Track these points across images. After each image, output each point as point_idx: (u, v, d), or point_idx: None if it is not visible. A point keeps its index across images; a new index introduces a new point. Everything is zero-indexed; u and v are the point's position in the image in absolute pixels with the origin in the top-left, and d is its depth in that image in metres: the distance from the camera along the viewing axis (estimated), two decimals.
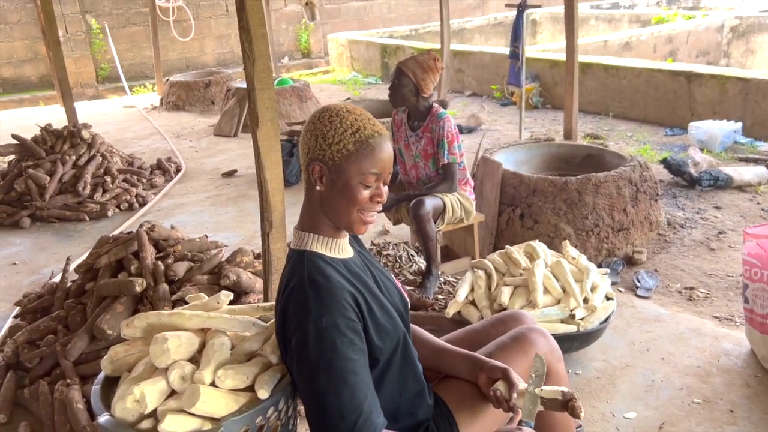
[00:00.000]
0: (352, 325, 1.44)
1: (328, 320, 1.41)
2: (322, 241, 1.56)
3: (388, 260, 3.54)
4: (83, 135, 5.17)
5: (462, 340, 1.94)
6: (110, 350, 1.67)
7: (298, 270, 1.50)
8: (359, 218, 1.53)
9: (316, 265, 1.50)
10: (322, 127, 1.49)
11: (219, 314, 1.71)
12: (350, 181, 1.49)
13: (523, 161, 4.34)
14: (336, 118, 1.49)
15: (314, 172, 1.51)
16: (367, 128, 1.50)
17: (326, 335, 1.40)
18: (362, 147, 1.48)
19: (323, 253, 1.55)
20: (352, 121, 1.49)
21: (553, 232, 3.67)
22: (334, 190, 1.50)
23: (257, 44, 2.36)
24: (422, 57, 3.37)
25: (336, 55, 11.87)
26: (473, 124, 6.94)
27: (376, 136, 1.50)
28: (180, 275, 2.79)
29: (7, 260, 4.24)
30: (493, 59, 8.59)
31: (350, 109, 1.52)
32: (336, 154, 1.48)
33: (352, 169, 1.48)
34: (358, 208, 1.51)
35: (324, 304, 1.43)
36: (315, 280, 1.46)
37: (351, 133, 1.48)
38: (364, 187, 1.50)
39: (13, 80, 11.16)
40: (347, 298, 1.45)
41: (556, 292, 2.77)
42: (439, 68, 3.36)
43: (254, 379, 1.58)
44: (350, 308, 1.45)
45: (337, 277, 1.49)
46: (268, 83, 2.41)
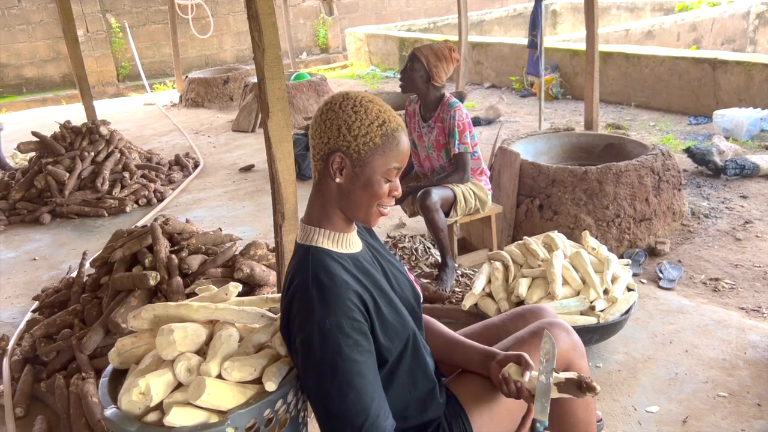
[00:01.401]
0: (357, 326, 1.39)
1: (332, 322, 1.36)
2: (329, 236, 1.51)
3: (404, 253, 3.50)
4: (101, 131, 5.20)
5: (479, 335, 1.89)
6: (117, 342, 1.65)
7: (303, 267, 1.46)
8: (378, 212, 1.50)
9: (321, 262, 1.45)
10: (346, 116, 1.42)
11: (227, 306, 1.68)
12: (374, 175, 1.45)
13: (542, 152, 4.26)
14: (360, 108, 1.43)
15: (334, 163, 1.45)
16: (392, 121, 1.46)
17: (330, 337, 1.36)
18: (389, 140, 1.44)
19: (329, 248, 1.50)
20: (377, 113, 1.44)
21: (573, 223, 3.60)
22: (356, 183, 1.45)
23: (267, 33, 2.32)
24: (438, 45, 3.31)
25: (354, 50, 11.83)
26: (492, 116, 6.85)
27: (400, 129, 1.47)
28: (194, 268, 2.78)
29: (27, 256, 4.27)
30: (512, 50, 8.49)
31: (372, 99, 1.47)
32: (362, 146, 1.43)
33: (377, 162, 1.44)
34: (377, 202, 1.48)
35: (328, 305, 1.38)
36: (319, 279, 1.42)
37: (378, 125, 1.43)
38: (386, 182, 1.47)
39: (36, 80, 11.31)
40: (352, 298, 1.40)
41: (575, 283, 2.70)
42: (454, 59, 3.30)
43: (262, 371, 1.55)
44: (355, 308, 1.40)
45: (343, 275, 1.44)
46: (279, 72, 2.37)
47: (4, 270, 4.08)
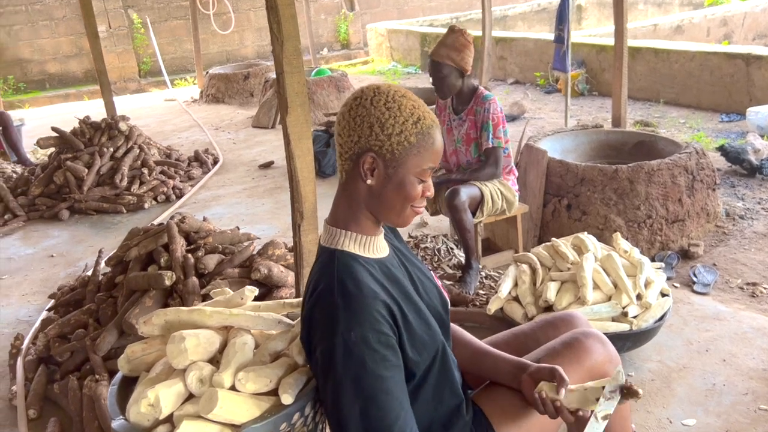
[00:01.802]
0: (384, 340, 1.29)
1: (357, 334, 1.26)
2: (356, 239, 1.41)
3: (426, 253, 3.39)
4: (120, 127, 5.15)
5: (507, 344, 1.77)
6: (127, 349, 1.57)
7: (327, 272, 1.36)
8: (411, 212, 1.41)
9: (347, 267, 1.35)
10: (378, 113, 1.32)
11: (242, 311, 1.60)
12: (408, 176, 1.35)
13: (570, 149, 4.13)
14: (393, 104, 1.33)
15: (365, 164, 1.34)
16: (426, 118, 1.36)
17: (355, 351, 1.26)
18: (424, 139, 1.35)
19: (357, 252, 1.40)
20: (411, 109, 1.34)
21: (603, 223, 3.46)
22: (389, 185, 1.35)
23: (286, 25, 2.23)
24: (450, 38, 3.18)
25: (375, 45, 11.72)
26: (516, 113, 6.71)
27: (435, 126, 1.37)
28: (210, 268, 2.70)
29: (45, 252, 4.24)
30: (536, 46, 8.32)
31: (404, 93, 1.36)
32: (396, 146, 1.33)
33: (412, 163, 1.35)
34: (411, 203, 1.38)
35: (354, 315, 1.28)
36: (345, 287, 1.31)
37: (413, 123, 1.33)
38: (419, 182, 1.37)
39: (59, 76, 11.36)
40: (380, 309, 1.30)
41: (606, 287, 2.58)
42: (470, 40, 3.18)
43: (278, 382, 1.46)
44: (383, 320, 1.30)
45: (371, 283, 1.34)
46: (298, 66, 2.28)
47: (22, 267, 4.04)
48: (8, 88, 10.80)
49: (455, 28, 3.21)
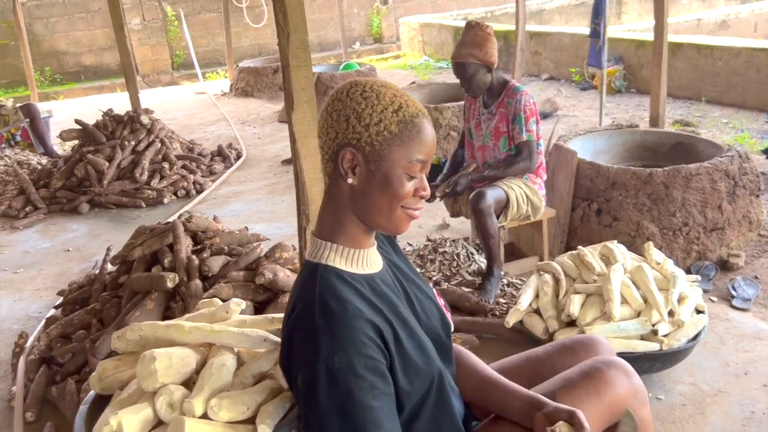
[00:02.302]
0: (372, 365, 1.14)
1: (342, 360, 1.12)
2: (343, 253, 1.26)
3: (444, 258, 3.23)
4: (143, 120, 5.10)
5: (519, 369, 1.60)
6: (98, 366, 1.45)
7: (309, 289, 1.22)
8: (404, 216, 1.25)
9: (330, 284, 1.21)
10: (355, 104, 1.20)
11: (224, 327, 1.46)
12: (393, 171, 1.21)
13: (602, 150, 3.90)
14: (371, 93, 1.21)
15: (344, 160, 1.22)
16: (410, 106, 1.22)
17: (339, 378, 1.12)
18: (407, 128, 1.21)
19: (342, 267, 1.25)
20: (391, 98, 1.21)
21: (635, 231, 3.25)
22: (373, 183, 1.21)
23: (292, 15, 2.09)
24: (469, 35, 3.03)
25: (407, 40, 11.54)
26: (549, 110, 6.47)
27: (421, 116, 1.23)
28: (215, 271, 2.59)
29: (62, 246, 4.20)
30: (572, 40, 8.04)
31: (384, 84, 1.24)
32: (375, 137, 1.20)
33: (396, 155, 1.20)
34: (402, 204, 1.23)
35: (337, 338, 1.14)
36: (327, 306, 1.17)
37: (393, 111, 1.20)
38: (408, 178, 1.22)
39: (93, 67, 11.47)
40: (367, 331, 1.16)
41: (635, 302, 2.38)
42: (490, 32, 3.02)
43: (257, 409, 1.33)
44: (371, 343, 1.15)
45: (357, 301, 1.19)
46: (305, 60, 2.14)
47: (37, 260, 4.01)
48: (45, 80, 10.94)
49: (472, 23, 3.06)
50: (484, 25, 3.02)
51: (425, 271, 3.15)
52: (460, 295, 2.96)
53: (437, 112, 5.07)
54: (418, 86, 5.95)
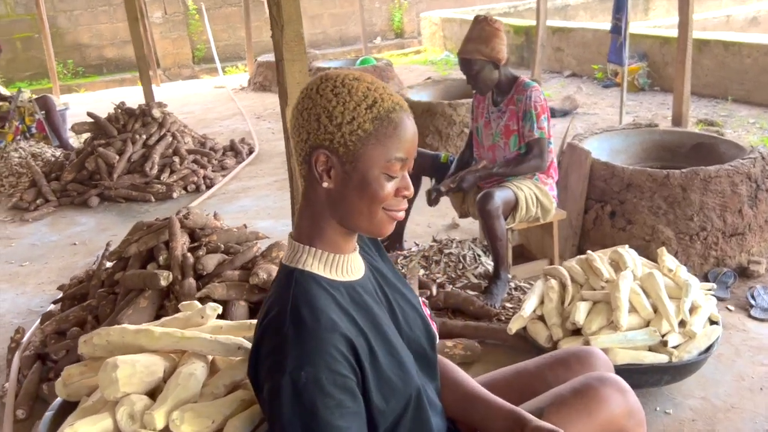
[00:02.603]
0: (341, 382, 1.06)
1: (308, 374, 1.04)
2: (322, 258, 1.19)
3: (450, 260, 3.13)
4: (154, 114, 5.07)
5: (508, 383, 1.51)
6: (64, 371, 1.39)
7: (283, 295, 1.14)
8: (386, 218, 1.17)
9: (305, 291, 1.13)
10: (325, 102, 1.12)
11: (196, 333, 1.39)
12: (370, 172, 1.12)
13: (619, 150, 3.77)
14: (342, 89, 1.12)
15: (318, 163, 1.14)
16: (385, 100, 1.13)
17: (305, 394, 1.04)
18: (383, 125, 1.12)
19: (320, 273, 1.18)
20: (364, 92, 1.12)
21: (650, 234, 3.12)
22: (350, 185, 1.13)
23: (286, 7, 2.02)
24: (476, 30, 2.92)
25: (429, 35, 11.41)
26: (568, 107, 6.32)
27: (398, 110, 1.14)
28: (209, 269, 2.52)
29: (69, 240, 4.19)
30: (595, 36, 7.85)
31: (358, 76, 1.15)
32: (349, 137, 1.11)
33: (372, 155, 1.12)
34: (384, 206, 1.15)
35: (306, 351, 1.06)
36: (299, 315, 1.09)
37: (366, 107, 1.11)
38: (388, 179, 1.13)
39: (115, 60, 11.53)
40: (339, 345, 1.08)
41: (645, 311, 2.27)
42: (498, 27, 2.91)
43: (224, 422, 1.25)
44: (342, 359, 1.07)
45: (332, 311, 1.11)
46: (300, 53, 2.07)
47: (43, 254, 4.00)
48: (67, 72, 11.02)
49: (479, 17, 2.95)
50: (492, 20, 2.91)
51: (430, 273, 3.06)
52: (464, 299, 2.86)
53: (451, 108, 4.96)
54: (433, 82, 5.84)
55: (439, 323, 2.69)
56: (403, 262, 3.18)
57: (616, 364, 2.13)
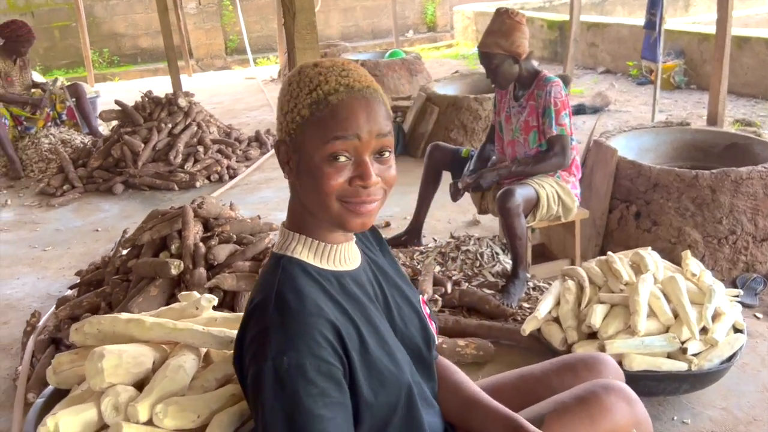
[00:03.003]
0: (326, 369, 1.02)
1: (291, 359, 1.00)
2: (312, 246, 1.15)
3: (467, 257, 3.07)
4: (180, 103, 5.09)
5: (512, 388, 1.45)
6: (54, 359, 1.37)
7: (269, 282, 1.11)
8: (344, 210, 1.08)
9: (291, 277, 1.10)
10: (282, 93, 1.12)
11: (189, 325, 1.36)
12: (312, 160, 1.06)
13: (648, 148, 3.65)
14: (295, 77, 1.10)
15: (279, 154, 1.14)
16: (329, 82, 1.06)
17: (287, 381, 1.00)
18: (319, 108, 1.05)
19: (308, 261, 1.14)
20: (311, 77, 1.08)
21: (676, 237, 3.01)
22: (301, 176, 1.10)
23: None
24: (496, 23, 2.85)
25: (461, 29, 11.28)
26: (599, 104, 6.17)
27: (342, 90, 1.05)
28: (220, 259, 2.51)
29: (92, 226, 4.23)
30: (631, 32, 7.65)
31: (318, 62, 1.10)
32: (291, 125, 1.08)
33: (310, 140, 1.06)
34: (337, 196, 1.07)
35: (290, 336, 1.02)
36: (284, 300, 1.06)
37: (307, 92, 1.07)
38: (331, 164, 1.05)
39: (150, 50, 11.66)
40: (324, 330, 1.03)
41: (664, 316, 2.18)
42: (520, 21, 2.82)
43: (210, 417, 1.22)
44: (326, 345, 1.03)
45: (319, 298, 1.08)
46: (312, 42, 2.03)
47: (66, 239, 4.05)
48: (102, 61, 11.19)
49: (501, 9, 2.87)
50: (513, 13, 2.83)
51: (446, 270, 3.00)
52: (480, 297, 2.80)
53: (477, 102, 4.88)
54: (460, 75, 5.76)
55: (452, 321, 2.63)
56: (419, 258, 3.12)
57: (632, 370, 2.06)
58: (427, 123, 5.08)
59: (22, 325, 2.94)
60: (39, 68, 9.88)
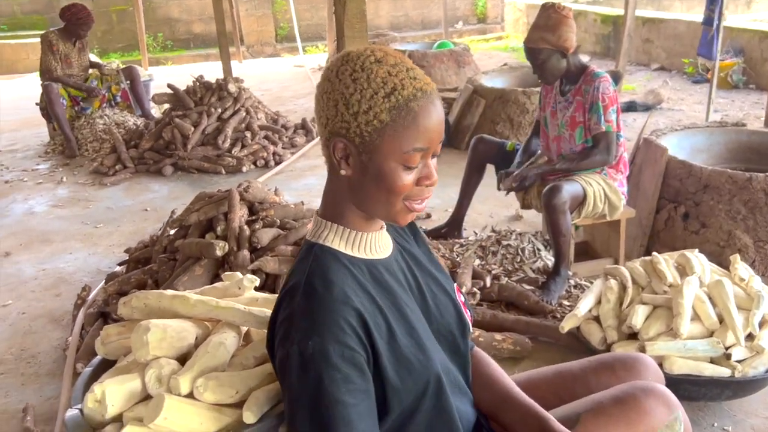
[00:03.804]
0: (349, 355, 1.04)
1: (315, 345, 1.02)
2: (344, 234, 1.17)
3: (508, 251, 3.05)
4: (230, 89, 5.18)
5: (549, 384, 1.44)
6: (103, 330, 1.43)
7: (301, 268, 1.14)
8: (404, 208, 1.12)
9: (322, 264, 1.12)
10: (343, 88, 1.07)
11: (231, 304, 1.40)
12: (386, 164, 1.08)
13: (701, 149, 3.55)
14: (361, 74, 1.06)
15: (336, 150, 1.11)
16: (405, 86, 1.07)
17: (311, 365, 1.02)
18: (401, 115, 1.06)
19: (340, 249, 1.16)
20: (383, 78, 1.06)
21: (725, 240, 2.93)
22: (367, 175, 1.10)
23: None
24: (542, 18, 2.80)
25: (512, 21, 11.15)
26: (651, 102, 6.02)
27: (420, 96, 1.07)
28: (263, 243, 2.56)
29: (141, 206, 4.35)
30: (689, 29, 7.43)
31: (381, 58, 1.08)
32: (365, 127, 1.06)
33: (389, 147, 1.07)
34: (404, 197, 1.11)
35: (314, 320, 1.04)
36: (312, 286, 1.08)
37: (384, 96, 1.06)
38: (406, 169, 1.09)
39: (203, 36, 11.87)
40: (349, 318, 1.05)
41: (709, 321, 2.13)
42: (567, 15, 2.77)
43: (248, 393, 1.26)
44: (351, 332, 1.05)
45: (347, 286, 1.09)
46: (361, 30, 2.04)
47: (117, 217, 4.17)
48: (157, 45, 11.44)
49: (547, 4, 2.82)
50: (560, 7, 2.79)
51: (485, 264, 2.99)
52: (519, 293, 2.78)
53: (525, 96, 4.82)
54: (510, 68, 5.69)
55: (490, 315, 2.62)
56: (459, 251, 3.12)
57: (672, 373, 2.03)
58: (473, 115, 5.05)
59: (73, 298, 3.06)
60: (96, 51, 10.17)
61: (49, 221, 4.17)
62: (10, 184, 4.96)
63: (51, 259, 3.61)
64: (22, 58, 10.27)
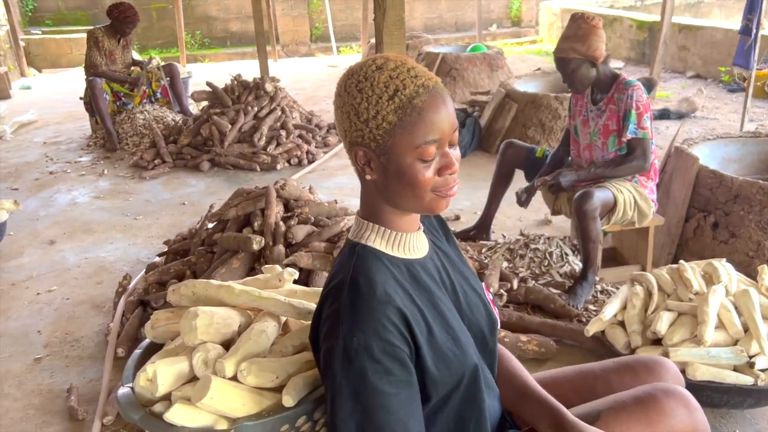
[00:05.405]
0: (391, 350, 1.11)
1: (359, 340, 1.10)
2: (384, 235, 1.23)
3: (535, 255, 3.10)
4: (266, 88, 5.30)
5: (570, 383, 1.50)
6: (153, 315, 1.53)
7: (345, 267, 1.21)
8: (435, 197, 1.18)
9: (365, 263, 1.19)
10: (351, 99, 1.14)
11: (272, 295, 1.49)
12: (404, 161, 1.13)
13: (733, 159, 3.56)
14: (365, 83, 1.13)
15: (358, 158, 1.18)
16: (407, 85, 1.12)
17: (354, 359, 1.10)
18: (406, 113, 1.12)
19: (382, 249, 1.23)
20: (385, 83, 1.12)
21: (755, 251, 2.94)
22: (389, 175, 1.16)
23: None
24: (571, 29, 2.84)
25: (546, 25, 11.12)
26: (685, 110, 5.98)
27: (422, 93, 1.12)
28: (298, 239, 2.65)
29: (179, 199, 4.49)
30: (726, 37, 7.36)
31: (381, 65, 1.14)
32: (376, 131, 1.13)
33: (401, 145, 1.13)
34: (431, 189, 1.17)
35: (359, 317, 1.12)
36: (357, 285, 1.15)
37: (388, 99, 1.12)
38: (424, 163, 1.14)
39: (239, 34, 12.07)
40: (391, 316, 1.12)
41: (734, 329, 2.16)
42: (596, 24, 2.81)
43: (287, 378, 1.34)
44: (393, 329, 1.12)
45: (389, 285, 1.16)
46: (399, 37, 2.12)
47: (155, 210, 4.32)
48: (194, 43, 11.67)
49: (576, 15, 2.86)
50: (589, 17, 2.83)
51: (513, 266, 3.04)
52: (546, 296, 2.83)
53: (557, 101, 4.85)
54: (542, 73, 5.72)
55: (516, 317, 2.68)
56: (487, 253, 3.17)
57: (695, 379, 2.06)
58: (505, 119, 5.09)
59: (114, 286, 3.19)
60: (136, 47, 10.41)
61: (91, 212, 4.34)
62: (55, 175, 5.15)
63: (93, 248, 3.77)
64: (65, 53, 10.59)
